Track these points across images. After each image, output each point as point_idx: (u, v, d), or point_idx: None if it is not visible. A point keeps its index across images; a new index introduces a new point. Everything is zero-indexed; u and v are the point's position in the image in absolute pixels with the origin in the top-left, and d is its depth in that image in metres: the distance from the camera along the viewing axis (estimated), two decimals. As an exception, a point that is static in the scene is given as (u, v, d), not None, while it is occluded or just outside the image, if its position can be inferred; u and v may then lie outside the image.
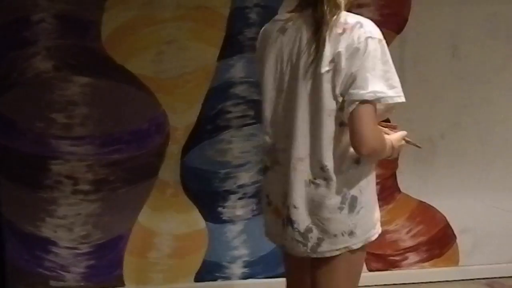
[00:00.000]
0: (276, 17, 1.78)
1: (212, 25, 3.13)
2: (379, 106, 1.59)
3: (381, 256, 3.38)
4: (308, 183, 1.60)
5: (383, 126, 1.77)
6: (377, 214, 1.76)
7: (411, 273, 3.40)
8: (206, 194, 3.24)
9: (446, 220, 3.39)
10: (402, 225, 3.37)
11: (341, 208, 1.61)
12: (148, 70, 3.12)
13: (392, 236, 3.37)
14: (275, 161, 1.69)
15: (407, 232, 3.37)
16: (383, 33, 1.67)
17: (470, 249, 3.42)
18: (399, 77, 1.68)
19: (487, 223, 3.40)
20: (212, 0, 3.11)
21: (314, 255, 1.65)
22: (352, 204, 1.62)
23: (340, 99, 1.55)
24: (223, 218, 3.28)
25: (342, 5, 1.64)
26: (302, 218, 1.61)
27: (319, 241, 1.61)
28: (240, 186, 3.25)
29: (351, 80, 1.53)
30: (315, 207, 1.60)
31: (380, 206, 3.27)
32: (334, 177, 1.58)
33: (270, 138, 1.70)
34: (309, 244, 1.62)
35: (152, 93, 3.13)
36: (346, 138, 1.58)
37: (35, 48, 3.06)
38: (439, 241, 3.40)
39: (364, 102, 1.52)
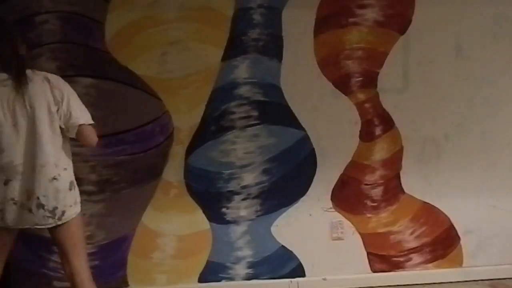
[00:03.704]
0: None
1: (216, 26, 3.13)
2: None
3: (384, 257, 3.38)
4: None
5: None
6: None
7: (414, 274, 3.39)
8: (210, 194, 3.25)
9: (450, 221, 3.39)
10: (406, 226, 3.36)
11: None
12: (152, 71, 3.12)
13: (396, 237, 3.37)
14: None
15: (411, 233, 3.37)
16: (386, 34, 1.67)
17: (473, 250, 3.42)
18: (404, 77, 1.68)
19: (491, 224, 3.40)
20: (216, 1, 3.12)
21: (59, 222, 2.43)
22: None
23: None
24: (227, 218, 3.28)
25: None
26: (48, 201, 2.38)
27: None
28: (244, 187, 3.25)
29: None
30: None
31: (384, 207, 3.35)
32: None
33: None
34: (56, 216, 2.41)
35: (156, 94, 3.14)
36: None
37: (39, 49, 3.07)
38: (443, 242, 3.40)
39: None
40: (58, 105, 2.38)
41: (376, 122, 3.28)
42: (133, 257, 3.25)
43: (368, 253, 3.37)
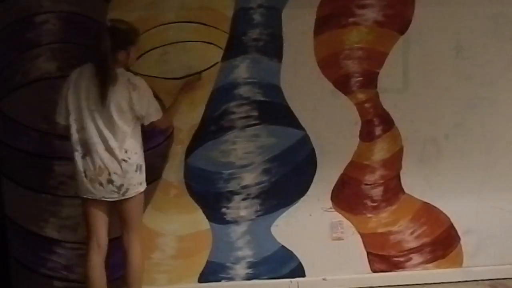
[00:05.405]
0: None
1: (216, 26, 3.13)
2: None
3: (384, 257, 3.38)
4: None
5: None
6: None
7: (414, 274, 3.39)
8: (210, 194, 3.25)
9: (450, 221, 3.39)
10: (406, 226, 3.37)
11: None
12: (152, 70, 3.12)
13: (396, 237, 3.37)
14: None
15: (411, 233, 3.37)
16: (386, 34, 1.67)
17: (473, 250, 3.42)
18: (404, 77, 1.68)
19: (490, 224, 3.40)
20: (216, 1, 3.12)
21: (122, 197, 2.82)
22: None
23: None
24: (227, 218, 3.28)
25: None
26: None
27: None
28: (244, 187, 3.26)
29: None
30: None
31: (383, 207, 3.34)
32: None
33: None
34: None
35: (156, 93, 3.12)
36: None
37: (39, 49, 3.07)
38: (443, 242, 3.40)
39: None
40: (133, 106, 2.75)
41: (376, 122, 3.28)
42: (133, 257, 3.24)
43: (368, 253, 3.37)
